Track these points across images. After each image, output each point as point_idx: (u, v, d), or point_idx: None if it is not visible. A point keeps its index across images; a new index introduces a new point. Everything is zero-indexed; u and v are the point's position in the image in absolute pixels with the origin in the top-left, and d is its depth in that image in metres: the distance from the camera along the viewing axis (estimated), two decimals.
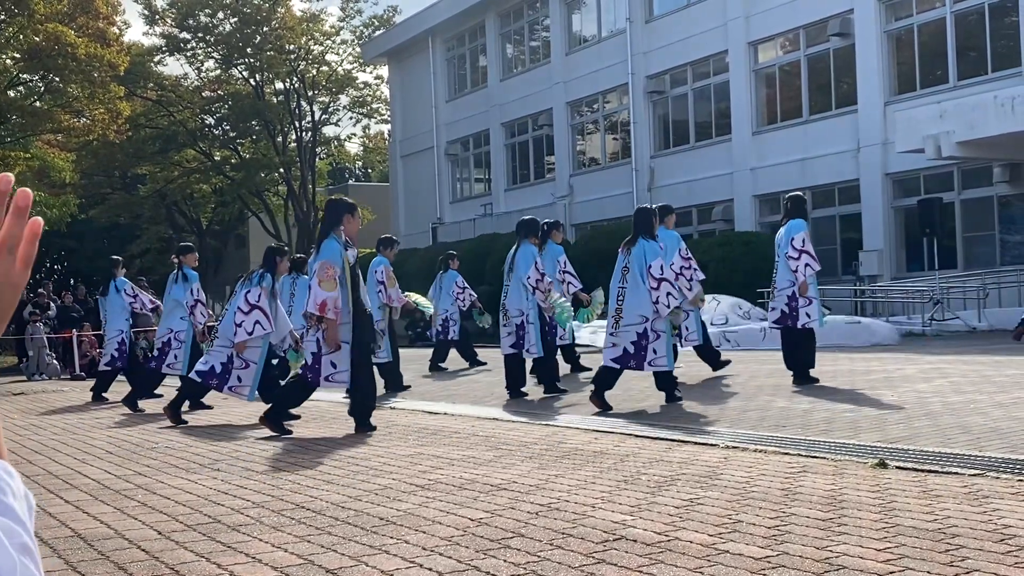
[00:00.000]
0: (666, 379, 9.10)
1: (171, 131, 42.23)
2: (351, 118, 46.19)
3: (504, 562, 3.94)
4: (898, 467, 5.53)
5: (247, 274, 9.93)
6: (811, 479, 5.32)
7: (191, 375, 9.98)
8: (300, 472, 6.39)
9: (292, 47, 40.54)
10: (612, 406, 8.82)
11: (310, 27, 41.12)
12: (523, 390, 10.80)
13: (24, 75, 29.17)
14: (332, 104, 43.70)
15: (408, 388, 12.07)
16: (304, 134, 42.76)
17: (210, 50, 41.21)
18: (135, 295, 12.94)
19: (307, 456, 7.12)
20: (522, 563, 3.91)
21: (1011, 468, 5.35)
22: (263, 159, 42.06)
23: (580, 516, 4.66)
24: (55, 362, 20.32)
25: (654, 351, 8.89)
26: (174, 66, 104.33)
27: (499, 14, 33.35)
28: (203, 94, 42.83)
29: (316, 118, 43.17)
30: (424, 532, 4.50)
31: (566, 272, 12.00)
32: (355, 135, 69.91)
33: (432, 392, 11.88)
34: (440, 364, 15.40)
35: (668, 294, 8.82)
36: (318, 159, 45.18)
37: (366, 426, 8.26)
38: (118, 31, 32.61)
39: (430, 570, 3.88)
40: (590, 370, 11.75)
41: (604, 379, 8.96)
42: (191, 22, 40.14)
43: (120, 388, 13.22)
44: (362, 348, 8.27)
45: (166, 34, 40.90)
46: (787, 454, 6.15)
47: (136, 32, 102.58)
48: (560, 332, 11.44)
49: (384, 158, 52.20)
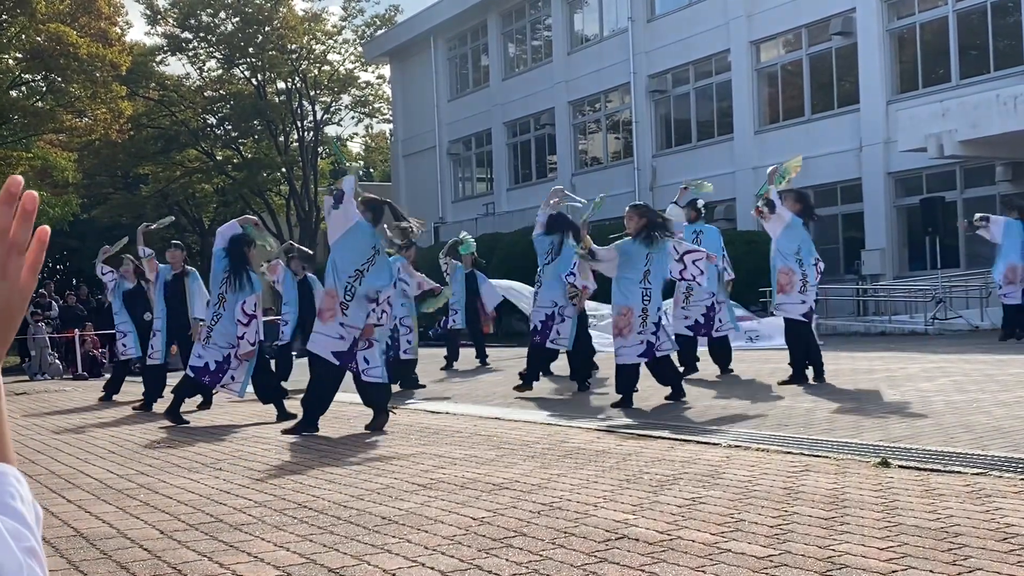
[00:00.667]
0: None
1: (173, 131, 42.24)
2: (353, 118, 46.35)
3: (506, 561, 3.94)
4: (901, 466, 5.52)
5: (228, 275, 9.50)
6: (813, 478, 5.31)
7: (186, 371, 9.95)
8: (302, 471, 6.39)
9: (294, 47, 40.56)
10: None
11: (312, 27, 41.14)
12: (532, 383, 10.89)
13: (26, 75, 29.19)
14: (334, 104, 43.73)
15: (423, 387, 12.09)
16: (306, 134, 42.78)
17: (212, 50, 41.22)
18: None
19: (309, 455, 7.12)
20: (524, 562, 3.91)
21: (1014, 467, 5.35)
22: (265, 159, 42.07)
23: (582, 515, 4.66)
24: (57, 362, 20.34)
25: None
26: (176, 66, 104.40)
27: (501, 13, 33.35)
28: (205, 94, 42.84)
29: (318, 118, 43.20)
30: (426, 531, 4.50)
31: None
32: (357, 135, 69.99)
33: (435, 391, 11.88)
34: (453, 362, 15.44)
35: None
36: (320, 159, 45.16)
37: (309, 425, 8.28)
38: (120, 31, 32.63)
39: (432, 569, 3.88)
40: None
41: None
42: (193, 22, 40.16)
43: (130, 388, 13.22)
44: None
45: (168, 34, 40.92)
46: (789, 453, 6.14)
47: (138, 32, 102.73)
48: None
49: (386, 158, 52.17)
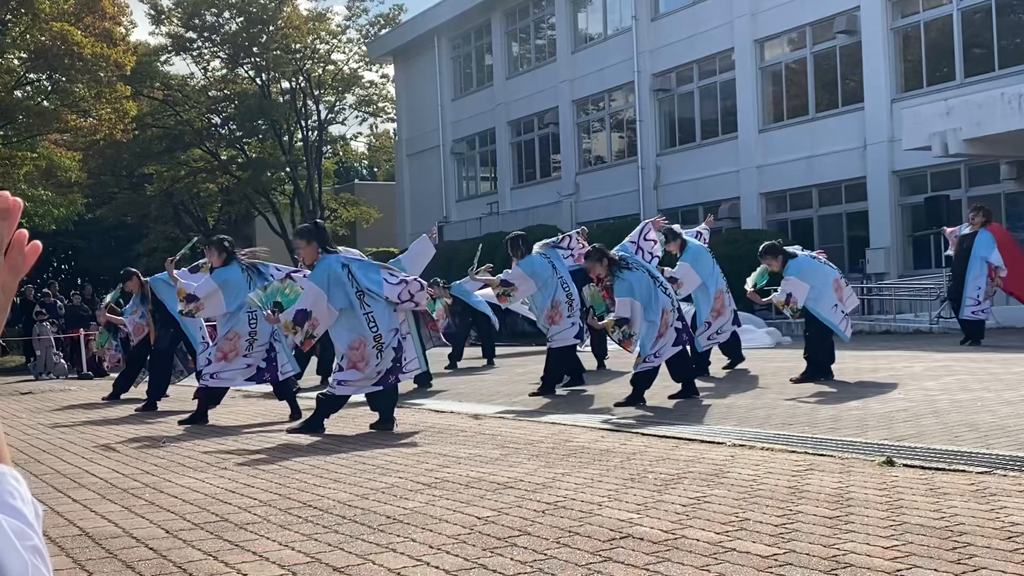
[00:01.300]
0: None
1: (177, 130, 42.25)
2: (357, 117, 46.17)
3: (511, 560, 3.94)
4: (905, 465, 5.52)
5: (251, 267, 9.52)
6: (818, 477, 5.31)
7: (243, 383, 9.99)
8: (307, 471, 6.39)
9: (298, 46, 40.54)
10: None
11: (316, 26, 41.11)
12: (557, 389, 10.72)
13: (31, 75, 29.22)
14: (338, 103, 43.70)
15: (431, 385, 12.14)
16: (310, 133, 42.78)
17: (216, 49, 41.23)
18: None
19: (314, 454, 7.13)
20: (529, 561, 3.91)
21: (1019, 466, 5.34)
22: (269, 158, 42.08)
23: (587, 514, 4.66)
24: (62, 361, 20.37)
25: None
26: (180, 66, 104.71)
27: (505, 12, 33.34)
28: (209, 93, 42.84)
29: (322, 117, 43.18)
30: (431, 530, 4.50)
31: None
32: (361, 134, 70.04)
33: (438, 390, 11.89)
34: (457, 362, 15.47)
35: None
36: (324, 158, 45.16)
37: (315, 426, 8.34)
38: (124, 31, 32.65)
39: (437, 568, 3.88)
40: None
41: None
42: (197, 22, 40.16)
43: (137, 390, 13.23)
44: None
45: (172, 34, 40.91)
46: (794, 452, 6.14)
47: (142, 32, 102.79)
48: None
49: (390, 157, 52.20)
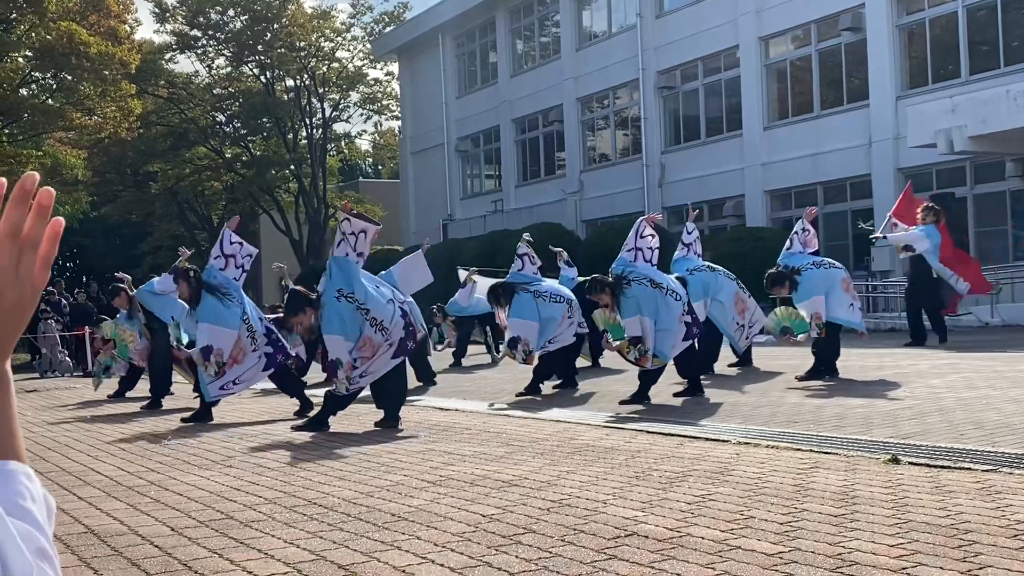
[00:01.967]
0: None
1: (182, 128, 42.30)
2: (361, 115, 46.15)
3: (516, 558, 3.94)
4: (911, 463, 5.51)
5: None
6: (823, 475, 5.31)
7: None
8: (312, 468, 6.40)
9: (302, 44, 40.55)
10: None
11: (320, 24, 41.13)
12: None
13: (36, 73, 29.25)
14: (342, 101, 43.74)
15: (435, 383, 12.18)
16: (315, 131, 42.79)
17: (221, 47, 41.26)
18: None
19: (319, 452, 7.14)
20: (533, 559, 3.91)
21: None
22: (274, 156, 42.12)
23: (591, 512, 4.66)
24: (67, 359, 20.39)
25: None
26: (185, 63, 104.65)
27: (509, 10, 33.32)
28: (214, 91, 42.88)
29: (327, 115, 43.21)
30: (436, 528, 4.50)
31: None
32: (365, 132, 70.05)
33: (443, 388, 11.89)
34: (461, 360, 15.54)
35: None
36: (329, 156, 45.17)
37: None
38: (129, 29, 32.68)
39: (442, 566, 3.88)
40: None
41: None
42: (201, 20, 40.19)
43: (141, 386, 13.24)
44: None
45: (177, 32, 40.96)
46: (799, 450, 6.14)
47: (147, 30, 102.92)
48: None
49: (394, 155, 52.20)
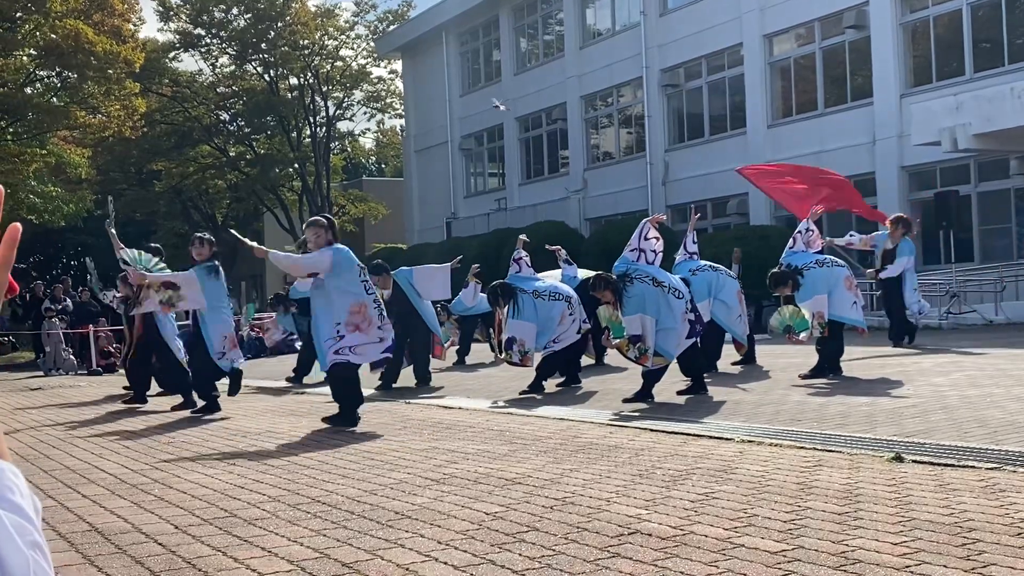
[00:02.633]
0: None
1: (186, 127, 42.35)
2: (365, 113, 46.19)
3: (519, 556, 3.94)
4: (914, 461, 5.51)
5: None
6: (827, 473, 5.30)
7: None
8: (316, 466, 6.41)
9: (306, 42, 40.57)
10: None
11: (324, 22, 41.15)
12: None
13: (40, 72, 29.28)
14: (346, 99, 43.75)
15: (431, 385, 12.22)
16: (318, 129, 42.82)
17: (224, 46, 41.29)
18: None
19: (323, 450, 7.14)
20: (537, 557, 3.91)
21: None
22: (278, 155, 42.15)
23: (595, 510, 4.66)
24: (71, 357, 20.42)
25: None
26: (189, 62, 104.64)
27: (513, 8, 33.31)
28: (218, 90, 42.92)
29: (330, 113, 43.24)
30: (439, 526, 4.51)
31: None
32: (369, 130, 70.07)
33: (447, 387, 11.91)
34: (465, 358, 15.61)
35: None
36: (332, 154, 45.19)
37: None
38: (133, 27, 32.71)
39: (445, 564, 3.89)
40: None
41: None
42: (205, 18, 40.22)
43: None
44: None
45: (180, 30, 41.00)
46: (803, 448, 6.13)
47: (151, 28, 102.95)
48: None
49: (398, 153, 52.20)
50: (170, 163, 42.28)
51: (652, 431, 7.23)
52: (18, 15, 26.80)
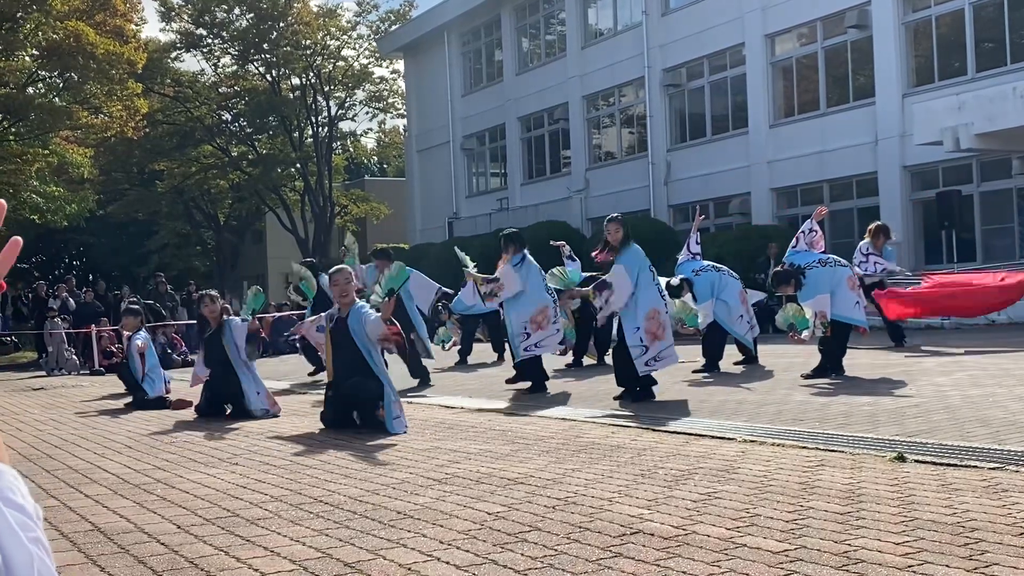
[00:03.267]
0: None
1: (188, 127, 42.36)
2: (367, 113, 46.23)
3: (521, 556, 3.94)
4: (917, 461, 5.50)
5: None
6: (829, 473, 5.30)
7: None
8: (318, 466, 6.41)
9: (308, 43, 40.57)
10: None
11: (326, 22, 41.14)
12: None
13: (42, 72, 29.28)
14: (348, 99, 43.75)
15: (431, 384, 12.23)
16: (320, 129, 42.83)
17: (226, 46, 41.28)
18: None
19: (325, 450, 7.15)
20: (539, 556, 3.92)
21: None
22: (280, 155, 42.15)
23: (597, 510, 4.66)
24: (74, 357, 20.44)
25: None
26: (191, 62, 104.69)
27: (514, 8, 33.31)
28: (220, 90, 42.92)
29: (332, 113, 43.24)
30: (441, 526, 4.51)
31: None
32: (371, 130, 70.09)
33: (448, 386, 11.91)
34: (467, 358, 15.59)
35: None
36: (334, 154, 45.19)
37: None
38: (135, 27, 32.71)
39: (447, 563, 3.89)
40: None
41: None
42: (207, 18, 40.23)
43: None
44: None
45: (182, 30, 41.01)
46: (805, 448, 6.13)
47: (152, 28, 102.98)
48: None
49: (400, 153, 52.21)
50: (172, 163, 42.30)
51: (654, 431, 7.23)
52: (19, 15, 26.79)
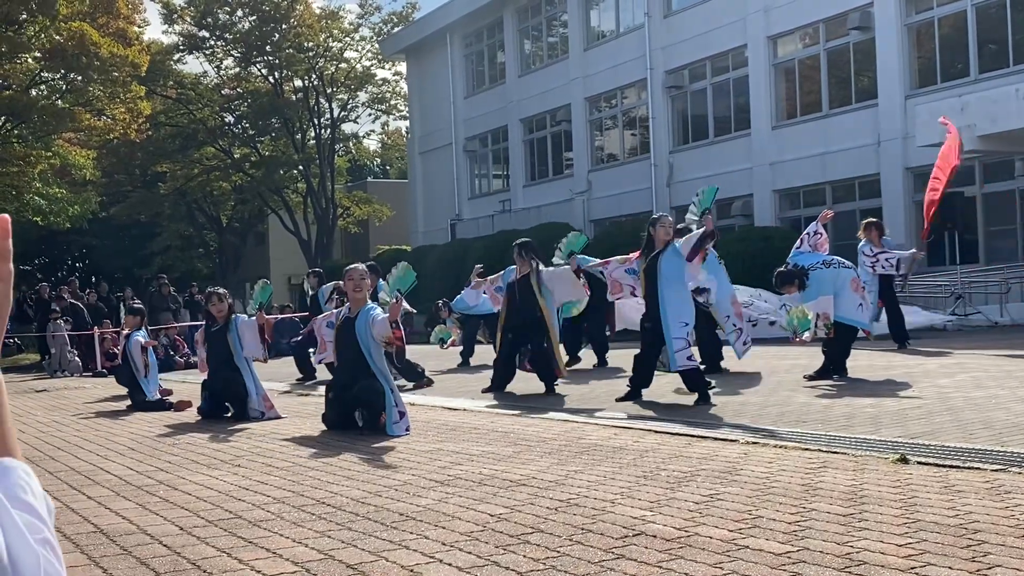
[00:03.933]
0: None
1: (191, 129, 42.39)
2: (370, 115, 46.13)
3: (523, 557, 3.94)
4: (919, 462, 5.50)
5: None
6: (832, 474, 5.30)
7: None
8: (320, 468, 6.41)
9: (311, 44, 40.59)
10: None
11: (329, 24, 41.16)
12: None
13: (46, 74, 29.31)
14: (351, 101, 43.75)
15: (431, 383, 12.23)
16: (323, 131, 42.85)
17: (229, 48, 41.30)
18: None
19: (327, 452, 7.15)
20: (541, 558, 3.91)
21: None
22: (282, 156, 42.17)
23: (599, 512, 4.66)
24: (76, 359, 20.45)
25: None
26: (193, 64, 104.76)
27: (517, 10, 33.32)
28: (222, 92, 42.95)
29: (335, 115, 43.24)
30: (444, 527, 4.51)
31: None
32: (373, 132, 70.10)
33: (450, 388, 11.91)
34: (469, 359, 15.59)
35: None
36: (337, 156, 45.20)
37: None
38: (138, 30, 32.73)
39: (450, 565, 3.89)
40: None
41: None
42: (209, 20, 40.26)
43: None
44: None
45: (185, 32, 41.04)
46: (807, 449, 6.13)
47: (155, 30, 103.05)
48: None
49: (402, 155, 52.22)
50: (175, 165, 42.32)
51: (657, 433, 7.22)
52: (24, 18, 26.83)
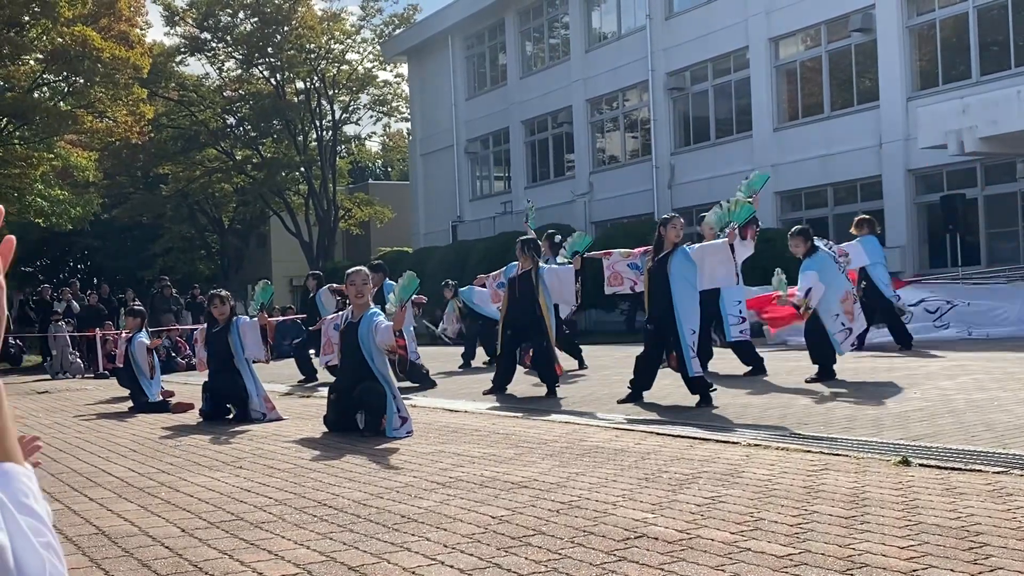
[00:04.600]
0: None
1: (193, 131, 42.43)
2: (371, 117, 46.23)
3: (525, 559, 3.94)
4: (921, 465, 5.50)
5: None
6: (833, 477, 5.30)
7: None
8: (322, 470, 6.41)
9: (312, 46, 40.61)
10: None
11: (330, 26, 41.18)
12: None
13: (48, 76, 29.33)
14: (352, 103, 43.78)
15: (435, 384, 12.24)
16: (325, 133, 42.87)
17: (231, 50, 41.34)
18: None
19: (329, 454, 7.15)
20: (543, 560, 3.91)
21: None
22: (284, 158, 42.19)
23: (601, 514, 4.66)
24: (78, 361, 20.46)
25: None
26: (195, 66, 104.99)
27: (518, 12, 33.33)
28: (224, 94, 42.98)
29: (336, 117, 43.27)
30: (445, 529, 4.51)
31: None
32: (375, 134, 70.17)
33: (452, 390, 11.91)
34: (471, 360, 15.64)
35: None
36: (338, 158, 45.22)
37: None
38: (140, 32, 32.74)
39: (451, 567, 3.89)
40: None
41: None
42: (211, 22, 40.29)
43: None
44: None
45: (186, 34, 41.07)
46: (809, 452, 6.12)
47: (157, 32, 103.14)
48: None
49: (404, 156, 52.24)
50: (177, 167, 42.35)
51: (658, 435, 7.22)
52: (26, 20, 26.85)
